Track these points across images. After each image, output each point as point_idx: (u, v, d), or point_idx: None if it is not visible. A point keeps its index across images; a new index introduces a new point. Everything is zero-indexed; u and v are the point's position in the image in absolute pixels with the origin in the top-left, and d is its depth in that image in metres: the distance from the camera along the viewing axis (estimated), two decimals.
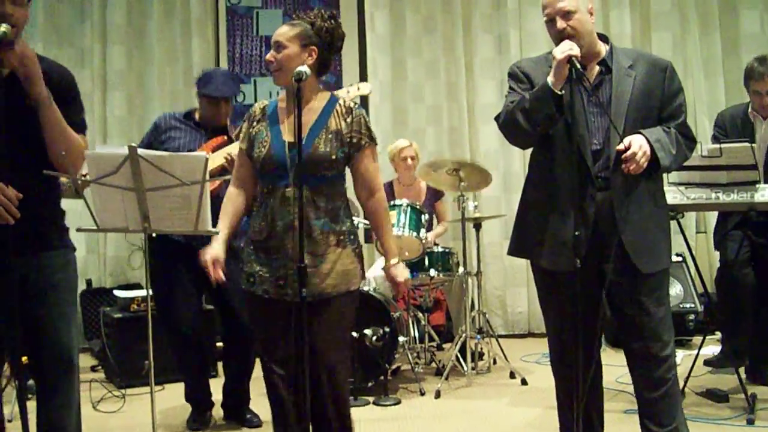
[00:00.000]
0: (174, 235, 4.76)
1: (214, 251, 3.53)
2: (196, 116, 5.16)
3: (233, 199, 3.64)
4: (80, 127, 3.49)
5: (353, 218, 3.69)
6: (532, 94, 3.52)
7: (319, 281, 3.44)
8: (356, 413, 4.66)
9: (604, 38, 3.70)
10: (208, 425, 5.19)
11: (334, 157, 3.45)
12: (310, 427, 3.35)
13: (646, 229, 3.57)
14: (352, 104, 3.57)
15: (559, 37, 3.52)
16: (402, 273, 3.62)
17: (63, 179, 3.39)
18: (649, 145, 3.43)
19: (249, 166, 3.60)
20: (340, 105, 3.55)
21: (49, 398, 3.49)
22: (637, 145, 3.40)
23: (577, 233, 3.27)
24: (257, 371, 4.03)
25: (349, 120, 3.51)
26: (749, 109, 5.40)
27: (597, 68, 3.62)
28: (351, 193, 3.65)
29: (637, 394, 3.71)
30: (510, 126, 3.63)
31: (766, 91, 5.15)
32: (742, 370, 5.33)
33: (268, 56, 3.45)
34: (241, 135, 3.64)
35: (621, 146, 3.42)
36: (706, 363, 6.00)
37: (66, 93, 3.42)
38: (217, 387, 5.33)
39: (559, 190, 3.57)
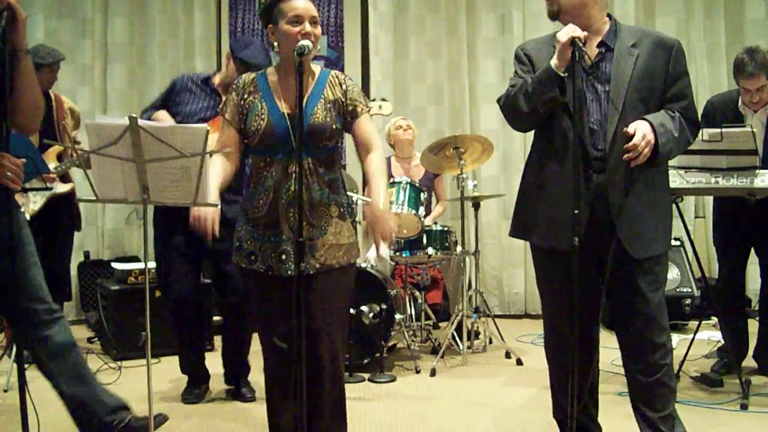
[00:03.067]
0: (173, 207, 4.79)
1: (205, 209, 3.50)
2: (215, 80, 5.13)
3: (219, 162, 3.57)
4: None
5: (350, 193, 3.69)
6: (534, 77, 3.52)
7: (322, 253, 3.45)
8: (351, 390, 4.69)
9: (608, 15, 3.67)
10: (203, 398, 5.21)
11: (334, 127, 3.47)
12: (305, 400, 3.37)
13: (641, 214, 3.54)
14: (342, 76, 3.60)
15: (548, 13, 3.56)
16: (384, 218, 3.40)
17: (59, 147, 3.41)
18: (654, 132, 3.42)
19: (234, 137, 3.56)
20: (332, 76, 3.57)
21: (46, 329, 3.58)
22: (641, 134, 3.38)
23: (576, 211, 3.26)
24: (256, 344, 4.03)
25: (344, 89, 3.54)
26: (740, 103, 5.30)
27: (597, 48, 3.59)
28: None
29: (630, 378, 3.70)
30: (511, 109, 3.63)
31: (756, 89, 5.06)
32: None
33: (309, 29, 3.38)
34: (228, 106, 3.58)
35: (630, 130, 3.40)
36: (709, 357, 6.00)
37: None
38: (213, 361, 5.34)
39: (559, 171, 3.57)
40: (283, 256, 3.44)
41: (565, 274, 3.39)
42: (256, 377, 5.00)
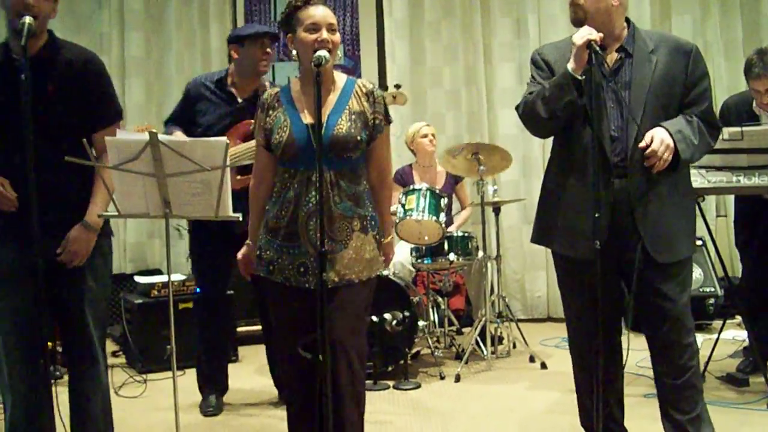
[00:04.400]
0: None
1: (244, 253, 3.66)
2: (229, 81, 5.11)
3: (257, 198, 3.61)
4: (112, 119, 3.58)
5: None
6: (552, 82, 3.51)
7: (342, 267, 3.41)
8: (376, 398, 4.68)
9: (626, 20, 3.65)
10: (221, 410, 5.23)
11: (359, 138, 3.43)
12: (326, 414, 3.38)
13: (664, 219, 3.53)
14: (370, 85, 3.57)
15: (572, 20, 3.54)
16: (393, 250, 3.66)
17: None
18: (671, 138, 3.41)
19: (268, 160, 3.55)
20: (359, 86, 3.54)
21: (74, 383, 3.57)
22: (659, 140, 3.37)
23: (597, 215, 3.24)
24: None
25: (371, 101, 3.51)
26: (754, 104, 5.26)
27: (616, 54, 3.58)
28: None
29: (659, 381, 3.69)
30: (530, 116, 3.63)
31: (765, 90, 5.04)
32: None
33: (326, 36, 3.36)
34: (257, 128, 3.59)
35: (643, 143, 3.39)
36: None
37: (90, 84, 3.50)
38: (235, 372, 5.36)
39: (578, 177, 3.56)
40: (302, 269, 3.41)
41: (586, 279, 3.38)
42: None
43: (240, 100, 5.05)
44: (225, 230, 4.66)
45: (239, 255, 3.67)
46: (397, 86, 5.83)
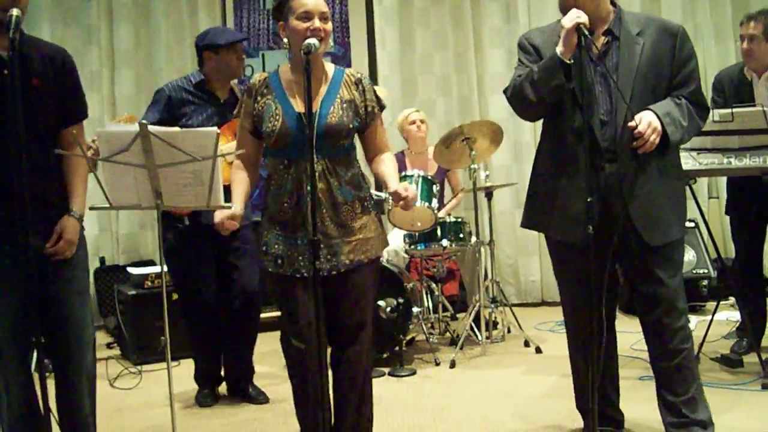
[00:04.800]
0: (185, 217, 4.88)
1: (225, 215, 3.49)
2: (207, 83, 5.12)
3: (241, 174, 3.62)
4: (80, 116, 3.60)
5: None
6: (540, 65, 3.50)
7: (350, 250, 3.47)
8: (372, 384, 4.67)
9: (612, 2, 3.65)
10: (217, 401, 5.24)
11: (351, 126, 3.48)
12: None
13: (655, 202, 3.54)
14: (357, 74, 3.60)
15: (562, 5, 3.53)
16: (405, 189, 3.46)
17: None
18: (659, 121, 3.41)
19: (253, 144, 3.59)
20: (347, 75, 3.57)
21: (62, 374, 3.57)
22: (646, 123, 3.37)
23: (589, 200, 3.22)
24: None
25: (360, 89, 3.55)
26: (745, 69, 5.33)
27: (603, 37, 3.58)
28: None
29: (653, 363, 3.72)
30: (518, 98, 3.62)
31: (749, 36, 5.06)
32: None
33: (318, 25, 3.36)
34: (243, 112, 3.60)
35: (632, 123, 3.39)
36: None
37: (67, 79, 3.55)
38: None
39: (569, 162, 3.56)
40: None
41: (580, 264, 3.38)
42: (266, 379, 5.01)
43: (222, 100, 5.11)
44: (195, 223, 4.76)
45: (217, 217, 3.48)
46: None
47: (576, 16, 3.33)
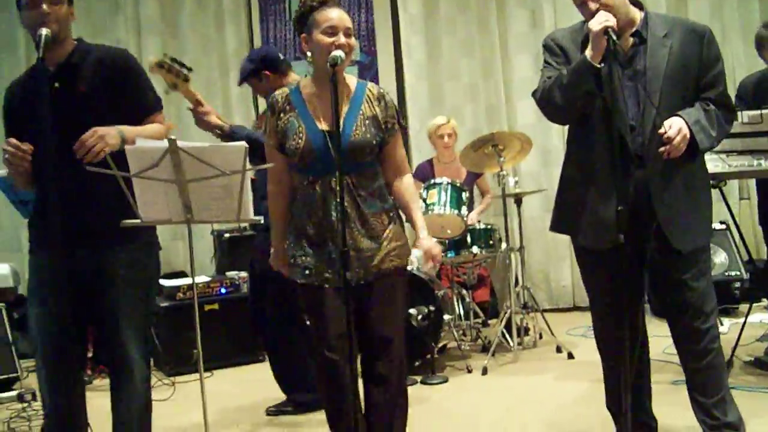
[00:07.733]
0: None
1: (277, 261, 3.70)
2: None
3: (277, 203, 3.63)
4: (151, 108, 3.60)
5: None
6: (570, 69, 3.47)
7: (379, 261, 3.46)
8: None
9: (638, 4, 3.61)
10: None
11: (374, 142, 3.45)
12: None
13: (683, 208, 3.52)
14: (379, 89, 3.58)
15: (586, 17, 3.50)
16: (435, 244, 3.58)
17: None
18: (688, 128, 3.38)
19: (281, 161, 3.55)
20: (369, 90, 3.54)
21: (113, 391, 3.60)
22: (676, 128, 3.34)
23: (620, 208, 3.19)
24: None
25: (383, 105, 3.52)
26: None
27: (630, 39, 3.55)
28: None
29: (684, 366, 3.70)
30: (548, 103, 3.59)
31: None
32: None
33: (343, 41, 3.34)
34: (268, 129, 3.56)
35: (661, 130, 3.37)
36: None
37: (122, 78, 3.52)
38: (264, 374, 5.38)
39: (598, 167, 3.54)
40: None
41: (609, 270, 3.38)
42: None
43: None
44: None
45: (272, 259, 3.71)
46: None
47: (604, 20, 3.29)
